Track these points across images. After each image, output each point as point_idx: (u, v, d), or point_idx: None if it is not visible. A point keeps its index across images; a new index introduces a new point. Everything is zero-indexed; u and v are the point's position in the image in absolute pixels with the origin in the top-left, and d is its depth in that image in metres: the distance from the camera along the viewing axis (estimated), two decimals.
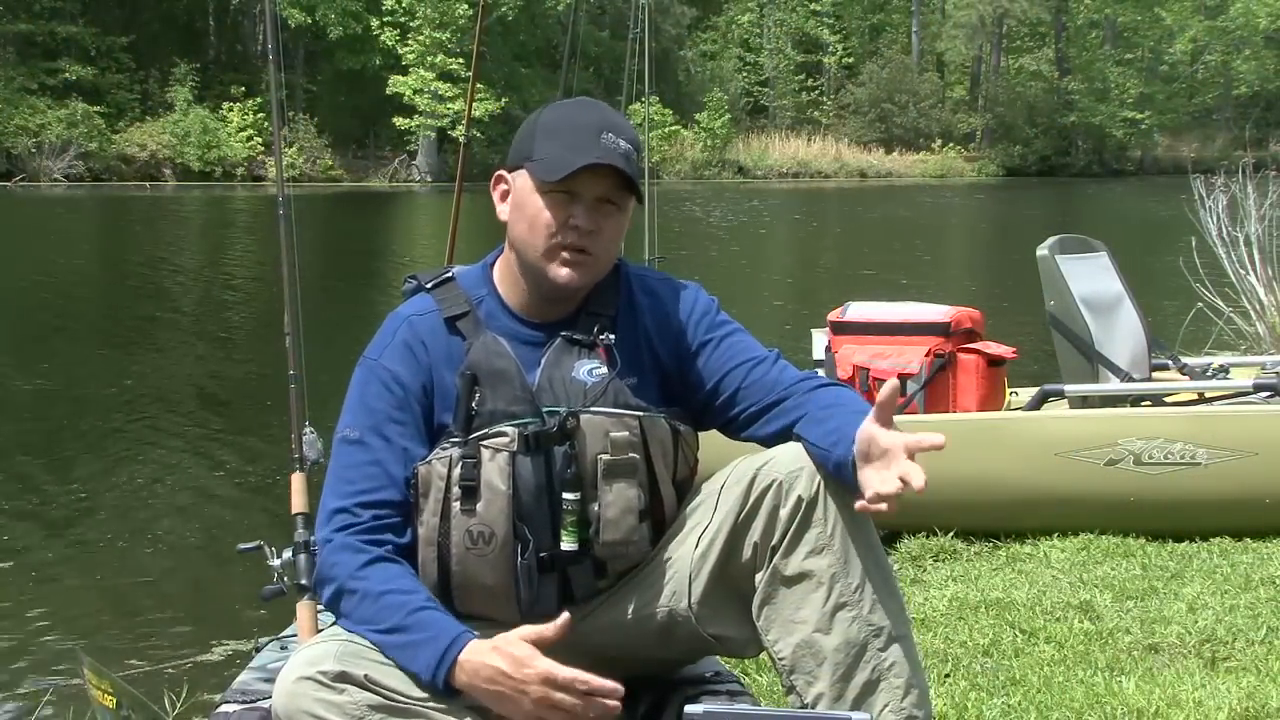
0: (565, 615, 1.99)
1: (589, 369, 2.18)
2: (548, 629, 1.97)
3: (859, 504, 1.97)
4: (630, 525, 2.16)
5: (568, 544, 2.14)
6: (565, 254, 2.14)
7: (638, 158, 2.19)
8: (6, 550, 6.09)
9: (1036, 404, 5.26)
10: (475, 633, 2.02)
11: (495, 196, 2.24)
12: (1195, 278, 8.06)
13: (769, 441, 2.19)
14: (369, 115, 42.60)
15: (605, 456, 2.14)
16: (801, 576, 2.07)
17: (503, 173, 2.23)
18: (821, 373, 2.65)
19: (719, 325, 2.26)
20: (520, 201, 2.18)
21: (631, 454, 2.15)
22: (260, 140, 38.81)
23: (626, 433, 2.15)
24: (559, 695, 1.92)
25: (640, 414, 2.17)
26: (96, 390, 9.93)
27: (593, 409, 2.15)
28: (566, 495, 2.13)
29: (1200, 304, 8.07)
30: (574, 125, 2.15)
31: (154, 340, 12.40)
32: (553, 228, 2.14)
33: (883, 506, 1.94)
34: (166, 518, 6.64)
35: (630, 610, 2.19)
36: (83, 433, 8.57)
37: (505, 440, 2.12)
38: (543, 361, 2.18)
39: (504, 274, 2.24)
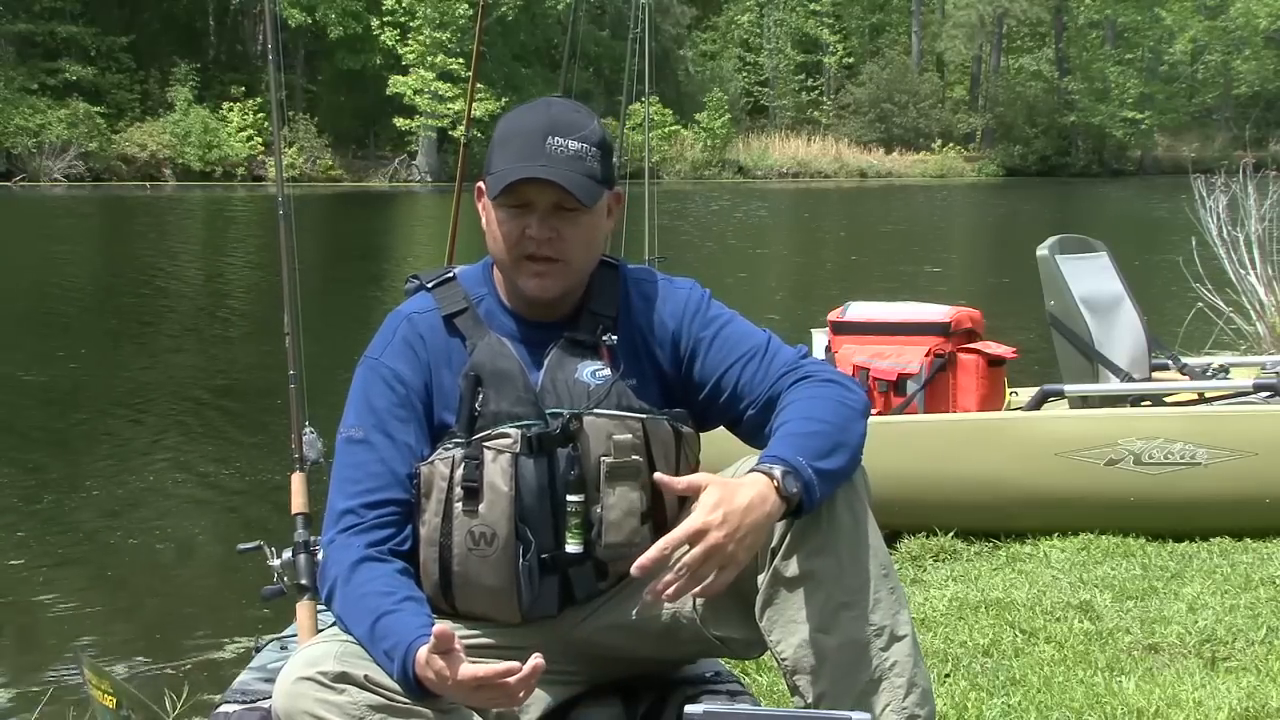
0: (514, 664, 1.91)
1: (592, 370, 2.18)
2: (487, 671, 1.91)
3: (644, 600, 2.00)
4: (632, 527, 2.16)
5: (573, 546, 2.14)
6: (530, 264, 2.13)
7: (597, 152, 2.12)
8: (7, 549, 6.09)
9: (1036, 404, 5.26)
10: (427, 635, 1.93)
11: (479, 208, 2.24)
12: (1195, 278, 8.06)
13: None
14: (369, 115, 42.60)
15: (608, 459, 2.14)
16: (803, 577, 2.06)
17: (480, 184, 2.23)
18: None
19: (711, 321, 2.24)
20: (486, 215, 2.19)
21: (634, 456, 2.15)
22: (260, 140, 38.81)
23: (629, 435, 2.15)
24: (489, 692, 1.91)
25: (643, 416, 2.17)
26: (96, 390, 9.93)
27: (595, 411, 2.15)
28: (571, 497, 2.12)
29: (1200, 304, 8.07)
30: (519, 133, 2.13)
31: (153, 340, 12.41)
32: (510, 240, 2.13)
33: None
34: (166, 517, 6.65)
35: (632, 611, 2.19)
36: (81, 432, 8.58)
37: (508, 441, 2.12)
38: (546, 363, 2.18)
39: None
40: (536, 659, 1.90)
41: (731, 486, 1.94)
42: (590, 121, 2.15)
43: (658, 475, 2.03)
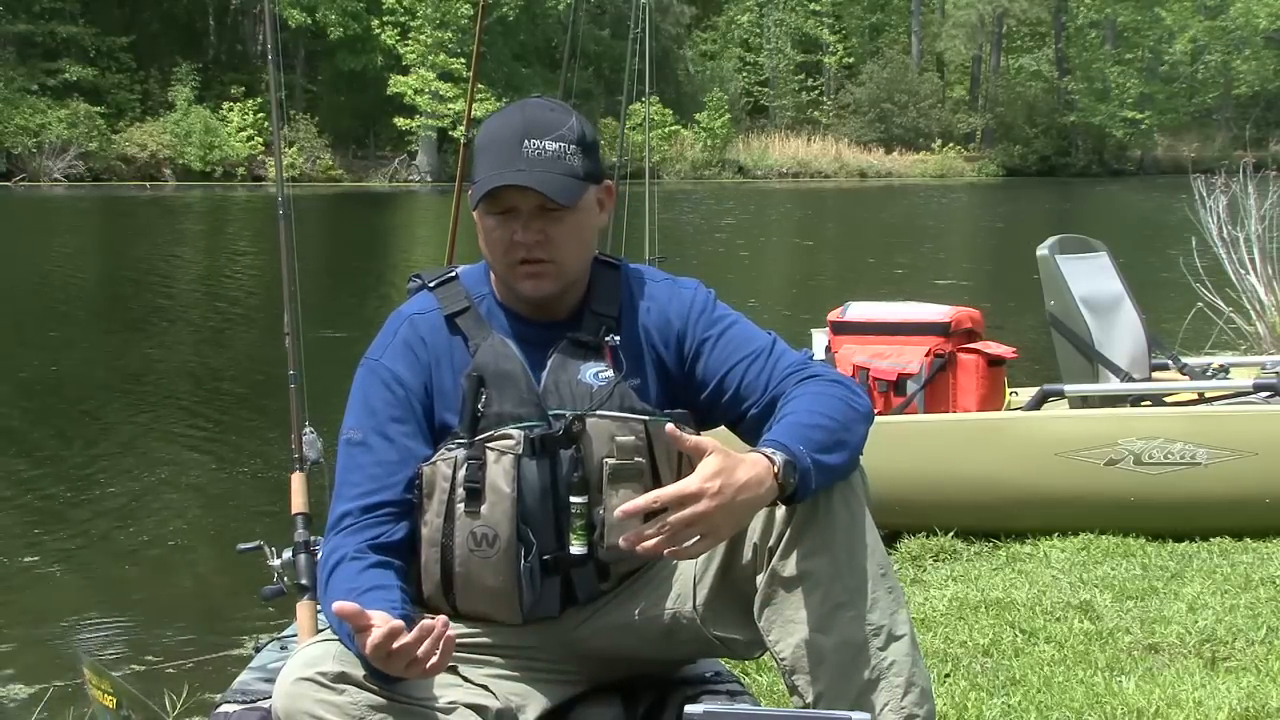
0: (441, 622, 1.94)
1: (595, 372, 2.18)
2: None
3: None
4: (634, 529, 2.16)
5: (577, 548, 2.14)
6: (523, 268, 2.13)
7: (577, 149, 2.12)
8: (6, 549, 6.09)
9: (1036, 404, 5.26)
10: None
11: (474, 214, 2.24)
12: (1195, 278, 8.06)
13: None
14: (369, 115, 42.61)
15: (611, 460, 2.14)
16: (801, 577, 2.06)
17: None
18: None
19: (716, 321, 2.25)
20: (477, 222, 2.19)
21: (637, 458, 2.15)
22: (260, 140, 38.82)
23: (632, 437, 2.15)
24: (398, 658, 1.89)
25: (646, 418, 2.17)
26: (96, 390, 9.94)
27: (598, 413, 2.15)
28: (573, 499, 2.13)
29: (1200, 304, 8.07)
30: (495, 139, 2.12)
31: (154, 341, 12.40)
32: (501, 247, 2.14)
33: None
34: (167, 517, 6.64)
35: (634, 612, 2.20)
36: (82, 433, 8.57)
37: (510, 443, 2.12)
38: (548, 364, 2.18)
39: None
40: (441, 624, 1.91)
41: (733, 460, 1.95)
42: (567, 118, 2.14)
43: (668, 426, 1.99)
